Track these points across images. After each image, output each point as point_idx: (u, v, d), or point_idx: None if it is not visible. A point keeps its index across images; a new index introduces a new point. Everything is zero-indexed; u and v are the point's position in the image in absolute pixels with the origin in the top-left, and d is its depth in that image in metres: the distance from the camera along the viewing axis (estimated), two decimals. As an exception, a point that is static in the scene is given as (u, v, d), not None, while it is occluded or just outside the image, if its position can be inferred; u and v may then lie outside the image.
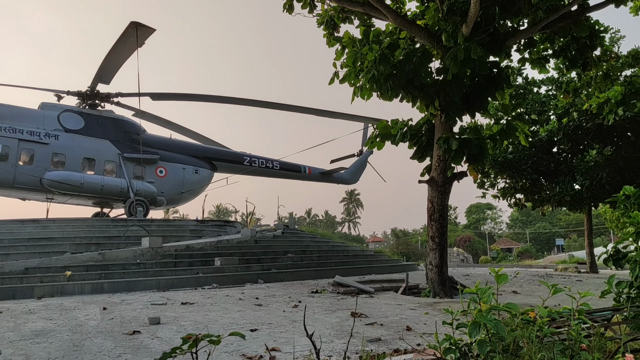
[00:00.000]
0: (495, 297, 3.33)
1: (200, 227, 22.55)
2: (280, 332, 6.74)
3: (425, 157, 12.28)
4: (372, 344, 5.85)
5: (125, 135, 23.86)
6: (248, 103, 27.40)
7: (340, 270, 16.74)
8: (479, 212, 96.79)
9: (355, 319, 7.80)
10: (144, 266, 14.63)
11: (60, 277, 12.63)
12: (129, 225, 19.35)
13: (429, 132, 12.10)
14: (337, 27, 12.63)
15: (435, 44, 10.62)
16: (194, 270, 14.83)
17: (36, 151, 20.99)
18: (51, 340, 6.31)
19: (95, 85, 23.02)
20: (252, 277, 14.93)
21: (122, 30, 19.70)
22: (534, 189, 22.33)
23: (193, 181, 25.84)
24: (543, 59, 12.75)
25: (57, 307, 9.44)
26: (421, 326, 7.14)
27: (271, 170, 29.38)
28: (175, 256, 15.98)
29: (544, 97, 22.29)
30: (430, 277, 11.50)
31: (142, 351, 5.67)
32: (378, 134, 12.12)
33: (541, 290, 12.43)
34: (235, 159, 28.09)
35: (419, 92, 10.94)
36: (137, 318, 8.03)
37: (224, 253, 16.85)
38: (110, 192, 22.51)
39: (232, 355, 5.29)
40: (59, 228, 18.50)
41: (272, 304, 9.71)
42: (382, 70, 10.20)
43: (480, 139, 11.29)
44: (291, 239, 22.47)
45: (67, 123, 22.32)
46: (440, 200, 11.45)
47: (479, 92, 11.32)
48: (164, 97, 24.81)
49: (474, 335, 3.01)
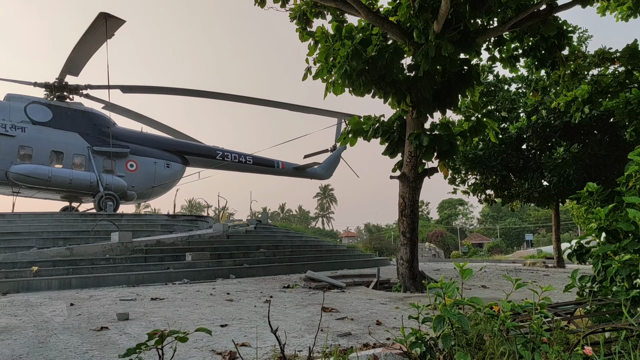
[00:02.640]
0: (460, 292, 3.38)
1: (171, 221, 22.33)
2: (251, 328, 6.73)
3: (397, 153, 12.36)
4: (342, 338, 5.88)
5: (95, 128, 23.44)
6: (220, 97, 27.18)
7: (313, 265, 16.80)
8: (450, 207, 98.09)
9: (326, 314, 7.84)
10: (114, 261, 14.43)
11: (26, 272, 12.37)
12: (98, 220, 19.05)
13: (400, 128, 12.19)
14: (310, 22, 12.60)
15: (407, 40, 10.69)
16: (164, 265, 14.70)
17: (1, 143, 20.48)
18: (15, 337, 6.19)
19: (64, 76, 22.55)
20: (224, 272, 14.86)
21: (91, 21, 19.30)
22: (503, 185, 22.71)
23: (164, 175, 25.55)
24: (513, 58, 12.97)
25: (22, 303, 9.25)
26: (391, 320, 7.21)
27: (244, 165, 29.26)
28: (146, 251, 15.79)
29: (514, 95, 22.65)
30: (401, 272, 11.61)
31: (109, 347, 5.60)
32: (350, 129, 12.16)
33: (509, 284, 12.65)
34: (208, 153, 27.88)
35: (391, 88, 11.00)
36: (105, 314, 7.93)
37: (195, 248, 16.73)
38: (79, 186, 22.11)
39: (201, 350, 5.26)
40: (26, 222, 18.10)
41: (243, 299, 9.68)
42: (355, 65, 10.21)
43: (450, 136, 11.42)
44: (264, 234, 22.43)
45: (35, 115, 21.81)
46: (411, 196, 11.55)
47: (449, 89, 11.44)
48: (135, 90, 24.43)
49: (439, 330, 3.06)
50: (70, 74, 22.30)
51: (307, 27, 12.58)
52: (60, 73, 22.29)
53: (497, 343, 3.03)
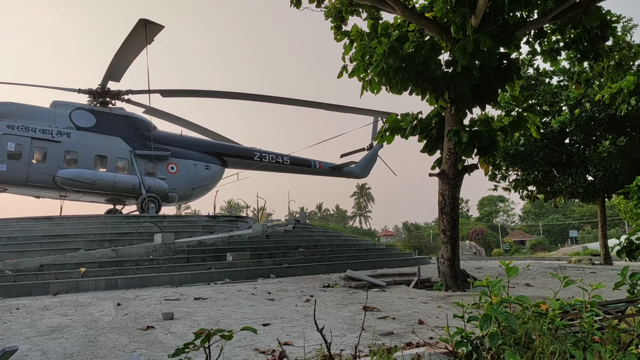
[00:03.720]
0: (506, 290, 3.32)
1: (212, 222, 22.67)
2: (293, 327, 6.77)
3: (436, 150, 12.23)
4: (385, 337, 5.86)
5: (137, 132, 24.02)
6: (258, 99, 27.45)
7: (352, 265, 16.76)
8: (491, 204, 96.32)
9: (367, 313, 7.82)
10: (157, 262, 14.75)
11: (74, 273, 12.77)
12: (142, 222, 19.49)
13: (439, 125, 12.04)
14: (345, 20, 12.58)
15: (444, 36, 10.55)
16: (206, 265, 14.93)
17: (49, 149, 21.21)
18: (67, 336, 6.39)
19: (106, 82, 23.19)
20: (264, 272, 15.00)
21: (131, 28, 19.77)
22: (546, 180, 22.17)
23: (204, 177, 25.96)
24: (554, 51, 12.62)
25: (72, 303, 9.55)
26: (433, 320, 7.13)
27: (281, 165, 29.43)
28: (188, 252, 16.09)
29: (556, 88, 22.08)
30: (442, 271, 11.48)
31: (156, 346, 5.72)
32: (388, 127, 12.09)
33: (554, 282, 12.36)
34: (246, 154, 28.18)
35: (429, 84, 10.88)
36: (150, 313, 8.11)
37: (235, 248, 16.93)
38: (123, 189, 22.70)
39: (245, 349, 5.32)
40: (73, 225, 18.70)
41: (284, 299, 9.75)
42: (391, 63, 10.15)
43: (490, 131, 11.23)
44: (302, 233, 22.52)
45: (79, 121, 22.52)
46: (451, 194, 11.40)
47: (488, 84, 11.24)
48: (174, 94, 24.91)
49: (485, 328, 3.01)
50: (112, 79, 22.92)
51: (342, 26, 12.57)
52: (103, 79, 22.93)
53: (547, 342, 2.96)
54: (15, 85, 25.01)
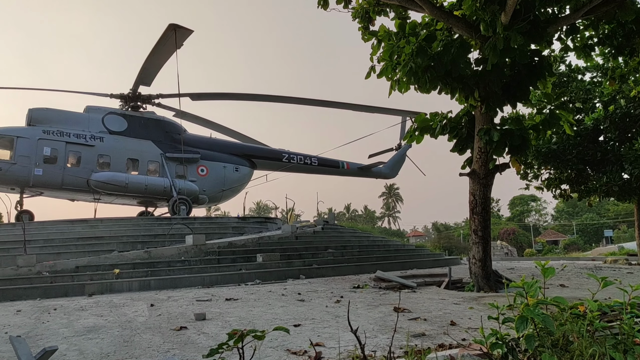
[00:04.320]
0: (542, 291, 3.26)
1: (241, 224, 22.86)
2: (324, 328, 6.77)
3: (466, 150, 12.08)
4: (416, 338, 5.81)
5: (167, 136, 24.41)
6: (285, 100, 27.58)
7: (382, 265, 16.69)
8: (522, 204, 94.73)
9: (398, 314, 7.77)
10: (189, 263, 14.94)
11: (109, 274, 13.03)
12: (173, 224, 19.78)
13: (469, 124, 11.89)
14: (372, 20, 12.53)
15: (474, 34, 10.42)
16: (236, 266, 15.06)
17: (83, 153, 21.72)
18: (103, 336, 6.53)
19: (137, 87, 23.62)
20: (294, 272, 15.05)
21: (161, 33, 20.10)
22: (579, 179, 21.69)
23: (234, 179, 26.21)
24: (588, 47, 12.32)
25: (107, 303, 9.75)
26: (466, 321, 7.05)
27: (310, 166, 29.49)
28: (219, 253, 16.26)
29: (589, 85, 21.59)
30: (473, 271, 11.34)
31: (189, 346, 5.80)
32: (417, 127, 11.99)
33: (590, 283, 12.08)
34: (274, 156, 28.33)
35: (458, 83, 10.76)
36: (183, 314, 8.22)
37: (265, 249, 17.04)
38: (154, 191, 23.09)
39: (276, 350, 5.35)
40: (107, 227, 19.09)
41: (314, 300, 9.76)
42: (420, 62, 10.07)
43: (522, 130, 11.03)
44: (331, 234, 22.52)
45: (111, 125, 23.01)
46: (482, 193, 11.25)
47: (520, 81, 11.05)
48: (203, 97, 25.23)
49: (521, 330, 2.96)
50: (143, 84, 23.34)
51: (369, 26, 12.53)
52: (134, 84, 23.38)
53: (586, 344, 2.90)
54: (51, 91, 25.67)
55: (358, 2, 12.33)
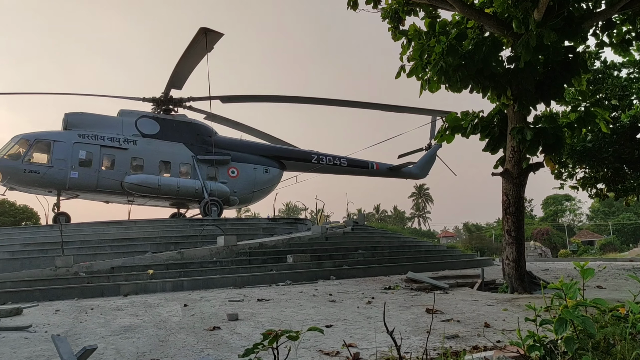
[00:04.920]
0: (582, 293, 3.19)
1: (272, 225, 23.00)
2: (356, 328, 6.76)
3: (498, 149, 11.90)
4: (450, 340, 5.76)
5: (198, 138, 24.72)
6: (314, 101, 27.62)
7: (413, 266, 16.57)
8: (556, 203, 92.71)
9: (433, 315, 7.71)
10: (220, 264, 15.10)
11: (143, 275, 13.27)
12: (205, 225, 20.02)
13: (501, 123, 11.72)
14: (402, 20, 12.45)
15: (505, 31, 10.26)
16: (267, 267, 15.15)
17: (116, 156, 22.18)
18: (138, 336, 6.65)
19: (169, 90, 23.98)
20: (325, 273, 15.06)
21: (192, 37, 20.36)
22: (616, 178, 21.10)
23: (264, 180, 26.39)
24: (625, 42, 12.00)
25: (142, 304, 9.93)
26: (500, 323, 6.95)
27: (339, 167, 29.47)
28: (250, 254, 16.38)
29: (625, 81, 20.98)
30: (507, 272, 11.16)
31: (223, 346, 5.86)
32: (448, 126, 11.87)
33: (629, 284, 11.77)
34: (304, 157, 28.41)
35: (490, 82, 10.61)
36: (216, 314, 8.32)
37: (296, 250, 17.09)
38: (186, 193, 23.42)
39: (309, 350, 5.37)
40: (140, 229, 19.46)
41: (345, 300, 9.76)
42: (451, 61, 9.98)
43: (556, 128, 10.82)
44: (361, 235, 22.47)
45: (144, 128, 23.44)
46: (515, 193, 11.07)
47: (553, 79, 10.84)
48: (234, 100, 25.48)
49: (561, 332, 2.90)
50: (174, 87, 23.69)
51: (399, 26, 12.46)
52: (166, 87, 23.74)
53: (628, 347, 2.83)
54: (85, 96, 26.32)
55: (387, 2, 12.28)
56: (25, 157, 20.73)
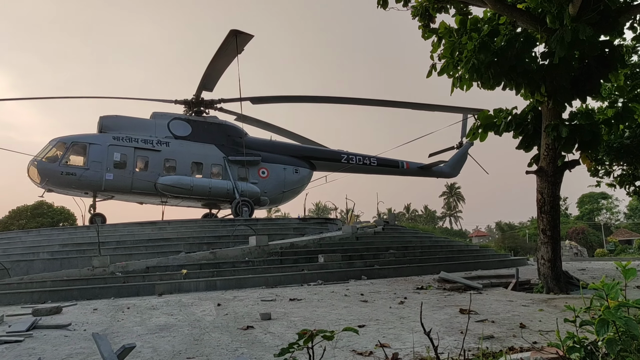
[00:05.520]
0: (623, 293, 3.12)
1: (302, 225, 23.07)
2: (389, 329, 6.74)
3: (533, 147, 11.69)
4: (485, 341, 5.68)
5: (229, 139, 24.99)
6: (343, 101, 27.62)
7: (445, 266, 16.41)
8: (592, 202, 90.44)
9: (464, 316, 7.62)
10: (252, 264, 15.22)
11: (177, 275, 13.48)
12: (237, 225, 20.22)
13: (535, 120, 11.51)
14: (433, 18, 12.33)
15: (539, 27, 10.07)
16: (299, 267, 15.20)
17: (150, 158, 22.58)
18: (174, 334, 6.76)
19: (200, 93, 24.31)
20: (356, 273, 15.03)
21: (223, 39, 20.58)
22: (656, 175, 20.48)
23: (294, 180, 26.51)
24: (663, 35, 11.66)
25: (176, 303, 10.08)
26: (536, 323, 6.82)
27: (369, 166, 29.38)
28: (281, 254, 16.47)
29: (665, 75, 20.36)
30: (542, 272, 10.95)
31: (256, 346, 5.91)
32: (480, 124, 11.72)
33: (670, 285, 11.40)
34: (333, 157, 28.42)
35: (523, 78, 10.43)
36: (249, 314, 8.39)
37: (327, 250, 17.11)
38: (218, 193, 23.69)
39: (342, 350, 5.36)
40: (174, 229, 19.77)
41: (377, 300, 9.72)
42: (483, 58, 9.85)
43: (592, 125, 10.58)
44: (392, 235, 22.35)
45: (176, 130, 23.82)
46: (550, 191, 10.86)
47: (589, 74, 10.59)
48: (264, 101, 25.65)
49: (602, 334, 2.84)
50: (205, 89, 23.99)
51: (429, 24, 12.34)
52: (197, 89, 24.07)
53: (673, 350, 2.75)
54: (119, 99, 26.80)
55: (417, 0, 12.18)
56: (62, 160, 21.28)
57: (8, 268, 14.97)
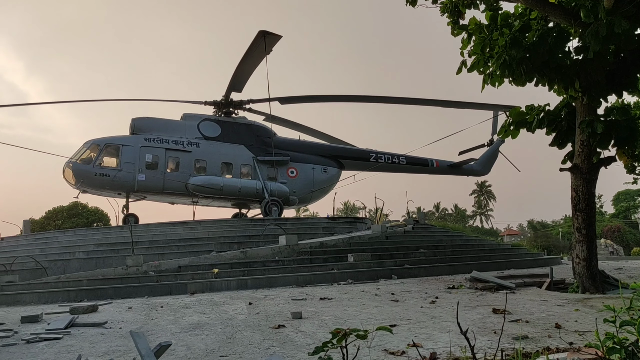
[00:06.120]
0: (666, 293, 3.03)
1: (331, 224, 23.08)
2: (420, 328, 6.70)
3: (566, 143, 11.46)
4: (519, 341, 5.60)
5: (258, 140, 25.16)
6: (371, 100, 27.54)
7: (476, 266, 16.20)
8: (628, 199, 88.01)
9: (497, 316, 7.53)
10: (282, 263, 15.29)
11: (208, 274, 13.63)
12: (267, 225, 20.34)
13: (569, 116, 11.27)
14: (462, 14, 12.19)
15: (572, 21, 9.86)
16: (328, 266, 15.21)
17: (181, 159, 22.91)
18: (207, 333, 6.85)
19: (229, 94, 24.54)
20: (386, 272, 14.96)
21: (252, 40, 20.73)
22: (696, 171, 19.84)
23: (322, 180, 26.53)
24: None
25: (208, 302, 10.21)
26: (572, 324, 6.70)
27: (397, 165, 29.19)
28: (311, 253, 16.51)
29: None
30: (577, 271, 10.73)
31: (288, 344, 5.94)
32: (512, 121, 11.53)
33: None
34: (362, 156, 28.33)
35: (556, 74, 10.22)
36: (280, 313, 8.44)
37: (356, 249, 17.07)
38: (247, 193, 23.88)
39: (374, 350, 5.35)
40: (205, 229, 20.02)
41: (408, 300, 9.67)
42: (514, 54, 9.68)
43: (629, 120, 10.32)
44: (422, 234, 22.19)
45: (206, 131, 24.11)
46: (585, 189, 10.62)
47: (625, 68, 10.33)
48: (292, 100, 25.75)
49: (644, 334, 2.77)
50: (234, 90, 24.22)
51: (458, 20, 12.20)
52: (226, 90, 24.31)
53: None
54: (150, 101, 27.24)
55: (446, -5, 12.06)
56: (96, 162, 21.75)
57: (46, 267, 15.39)
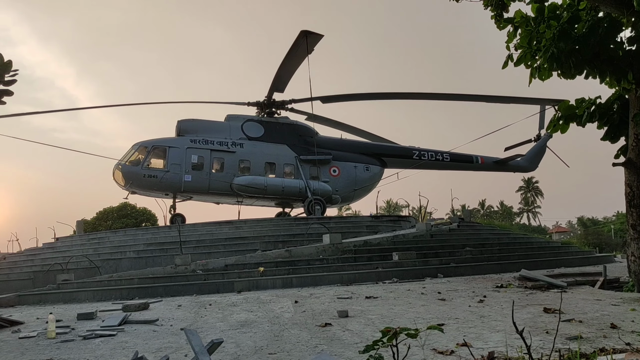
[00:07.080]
0: None
1: (375, 222, 23.03)
2: (469, 327, 6.62)
3: (619, 138, 11.04)
4: (573, 342, 5.45)
5: (301, 139, 25.31)
6: (413, 97, 27.29)
7: (525, 264, 15.81)
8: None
9: (548, 315, 7.35)
10: (327, 261, 15.36)
11: (254, 272, 13.83)
12: (310, 223, 20.45)
13: (621, 110, 10.85)
14: (506, 7, 11.89)
15: (625, 10, 9.49)
16: (373, 265, 15.17)
17: (225, 159, 23.29)
18: (255, 331, 6.96)
19: (272, 94, 24.78)
20: (431, 271, 14.80)
21: (293, 40, 20.87)
22: None
23: (365, 178, 26.46)
24: None
25: (255, 300, 10.36)
26: (628, 324, 6.47)
27: (441, 162, 28.80)
28: (355, 251, 16.51)
29: None
30: (633, 270, 10.32)
31: (335, 343, 5.97)
32: (561, 115, 11.19)
33: None
34: (404, 153, 28.09)
35: (608, 65, 9.86)
36: (326, 311, 8.48)
37: (400, 248, 16.95)
38: (290, 192, 24.08)
39: (422, 349, 5.32)
40: (250, 228, 20.32)
41: (455, 299, 9.56)
42: (563, 47, 9.39)
43: (687, 112, 9.85)
44: (468, 232, 21.84)
45: (250, 131, 24.43)
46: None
47: (682, 58, 9.87)
48: (334, 99, 25.79)
49: None
50: (277, 91, 24.44)
51: (503, 13, 11.93)
52: (269, 91, 24.56)
53: None
54: (195, 103, 27.82)
55: (490, -11, 11.80)
56: (144, 163, 22.36)
57: (99, 266, 15.96)
